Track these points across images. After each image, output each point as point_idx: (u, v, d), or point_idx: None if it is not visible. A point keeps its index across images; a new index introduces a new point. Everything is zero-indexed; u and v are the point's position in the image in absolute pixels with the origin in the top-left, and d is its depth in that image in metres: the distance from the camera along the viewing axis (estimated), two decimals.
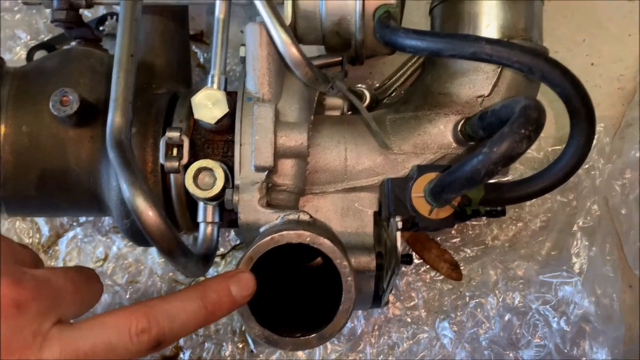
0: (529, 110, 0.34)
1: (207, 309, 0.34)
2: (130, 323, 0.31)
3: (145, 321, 0.31)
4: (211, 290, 0.35)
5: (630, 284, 0.63)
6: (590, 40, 0.69)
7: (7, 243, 0.34)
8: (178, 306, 0.33)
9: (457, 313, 0.62)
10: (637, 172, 0.57)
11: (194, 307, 0.34)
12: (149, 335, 0.31)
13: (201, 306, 0.34)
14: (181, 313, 0.33)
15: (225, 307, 0.35)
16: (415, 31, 0.41)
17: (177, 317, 0.33)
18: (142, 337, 0.31)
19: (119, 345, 0.30)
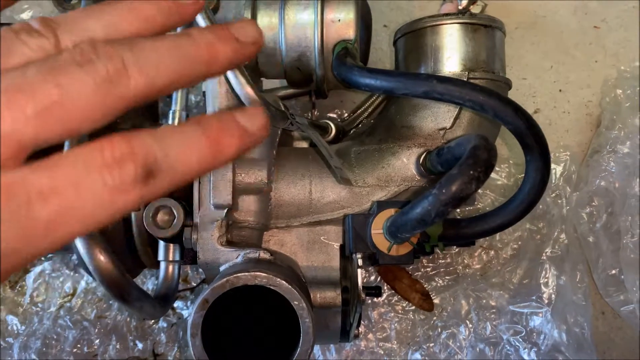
0: (478, 151, 0.34)
1: (209, 137, 0.23)
2: (104, 150, 0.20)
3: (126, 145, 0.21)
4: (212, 117, 0.24)
5: (602, 311, 0.62)
6: (557, 67, 0.70)
7: None
8: (171, 131, 0.22)
9: (430, 344, 0.61)
10: (603, 200, 0.57)
11: (192, 132, 0.23)
12: (134, 160, 0.20)
13: (201, 132, 0.23)
14: (177, 139, 0.22)
15: (234, 139, 0.24)
16: (370, 70, 0.41)
17: (172, 143, 0.22)
18: (125, 166, 0.20)
19: (94, 181, 0.20)
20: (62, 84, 0.20)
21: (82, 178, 0.20)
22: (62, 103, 0.20)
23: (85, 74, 0.20)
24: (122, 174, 0.20)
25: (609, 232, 0.57)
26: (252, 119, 0.24)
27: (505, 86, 0.53)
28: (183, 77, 0.23)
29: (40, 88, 0.20)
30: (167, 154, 0.21)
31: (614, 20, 0.71)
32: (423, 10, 0.74)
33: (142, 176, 0.21)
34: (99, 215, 0.20)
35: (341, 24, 0.47)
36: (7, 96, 0.19)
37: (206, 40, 0.23)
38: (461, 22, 0.51)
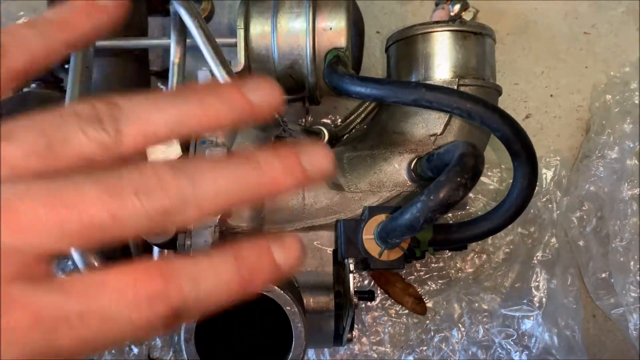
0: (465, 158, 0.34)
1: (242, 275, 0.22)
2: (139, 285, 0.20)
3: (161, 282, 0.20)
4: (247, 250, 0.23)
5: (593, 314, 0.63)
6: (548, 72, 0.71)
7: None
8: (205, 266, 0.22)
9: (423, 347, 0.62)
10: (593, 204, 0.58)
11: (226, 269, 0.22)
12: (166, 303, 0.20)
13: (235, 270, 0.22)
14: (210, 276, 0.21)
15: (266, 275, 0.23)
16: (360, 78, 0.42)
17: (205, 281, 0.21)
18: (155, 306, 0.20)
19: (120, 316, 0.19)
20: (115, 212, 0.19)
21: (111, 311, 0.19)
22: (107, 228, 0.19)
23: (141, 205, 0.19)
24: (150, 314, 0.19)
25: (599, 235, 0.58)
26: (288, 254, 0.23)
27: (496, 92, 0.54)
28: (235, 205, 0.22)
29: (91, 207, 0.19)
30: (198, 295, 0.21)
31: (604, 26, 0.72)
32: (416, 16, 0.75)
33: (170, 319, 0.20)
34: (116, 342, 0.20)
35: (332, 32, 0.47)
36: (54, 204, 0.19)
37: (273, 173, 0.22)
38: (451, 30, 0.52)
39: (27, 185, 0.19)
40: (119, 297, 0.19)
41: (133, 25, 0.57)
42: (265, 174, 0.22)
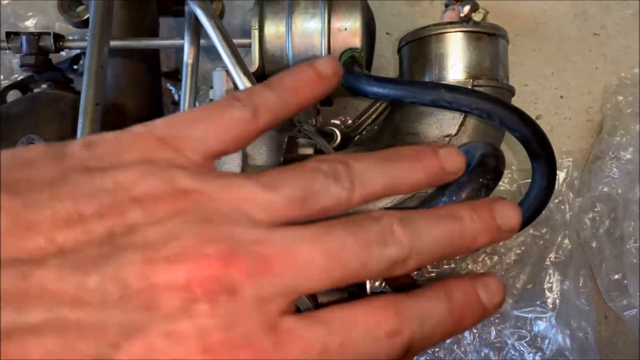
0: (487, 159, 0.34)
1: (454, 315, 0.24)
2: (381, 321, 0.22)
3: (397, 321, 0.22)
4: (457, 289, 0.25)
5: (605, 315, 0.63)
6: (558, 74, 0.71)
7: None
8: (426, 306, 0.23)
9: (435, 349, 0.61)
10: (606, 206, 0.58)
11: (441, 309, 0.24)
12: (401, 339, 0.22)
13: (448, 310, 0.24)
14: (430, 315, 0.23)
15: (474, 316, 0.25)
16: (378, 78, 0.41)
17: (427, 320, 0.23)
18: (394, 342, 0.22)
19: (371, 349, 0.21)
20: (365, 261, 0.21)
21: (362, 346, 0.21)
22: (356, 275, 0.21)
23: (381, 256, 0.21)
24: (389, 350, 0.21)
25: (612, 237, 0.58)
26: (493, 295, 0.25)
27: (509, 93, 0.54)
28: (441, 258, 0.24)
29: (350, 256, 0.21)
30: (423, 332, 0.22)
31: (613, 27, 0.72)
32: (425, 17, 0.75)
33: (402, 354, 0.22)
34: None
35: (347, 32, 0.47)
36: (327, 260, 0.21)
37: (474, 232, 0.24)
38: (465, 31, 0.51)
39: (301, 232, 0.21)
40: (368, 333, 0.21)
41: (144, 26, 0.57)
42: (467, 229, 0.24)
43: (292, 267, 0.21)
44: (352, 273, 0.21)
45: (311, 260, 0.21)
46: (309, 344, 0.20)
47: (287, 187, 0.22)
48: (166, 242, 0.20)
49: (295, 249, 0.21)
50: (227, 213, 0.21)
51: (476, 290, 0.25)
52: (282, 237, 0.21)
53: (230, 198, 0.21)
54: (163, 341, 0.18)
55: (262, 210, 0.22)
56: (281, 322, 0.20)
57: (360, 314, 0.22)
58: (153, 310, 0.19)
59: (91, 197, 0.20)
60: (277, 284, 0.20)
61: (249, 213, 0.21)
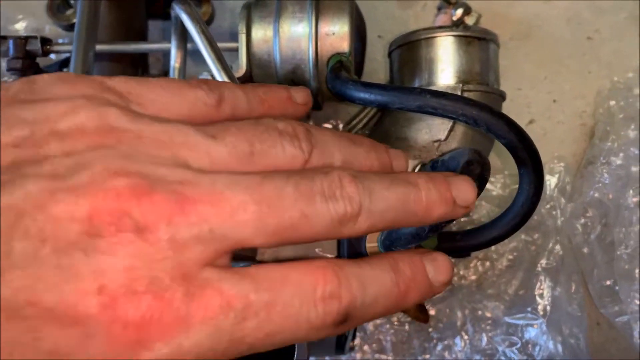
0: (472, 166, 0.34)
1: (399, 287, 0.23)
2: (317, 281, 0.20)
3: (336, 284, 0.21)
4: (404, 263, 0.24)
5: (598, 322, 0.62)
6: (551, 78, 0.70)
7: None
8: (369, 273, 0.22)
9: (425, 355, 0.61)
10: (597, 211, 0.58)
11: (386, 279, 0.23)
12: (339, 304, 0.20)
13: (394, 281, 0.23)
14: (373, 283, 0.22)
15: (420, 291, 0.24)
16: (364, 84, 0.41)
17: (369, 288, 0.22)
18: (330, 305, 0.20)
19: (301, 312, 0.20)
20: (307, 213, 0.20)
21: (293, 311, 0.20)
22: (297, 228, 0.20)
23: (326, 209, 0.21)
24: (325, 315, 0.20)
25: (603, 243, 0.58)
26: (440, 272, 0.25)
27: (500, 98, 0.53)
28: (394, 225, 0.24)
29: (289, 207, 0.20)
30: (364, 300, 0.21)
31: (607, 31, 0.71)
32: (417, 21, 0.75)
33: (340, 320, 0.21)
34: (289, 342, 0.20)
35: (335, 37, 0.47)
36: (261, 209, 0.20)
37: (429, 200, 0.24)
38: (455, 35, 0.51)
39: (234, 178, 0.20)
40: (301, 293, 0.20)
41: (132, 29, 0.57)
42: (422, 196, 0.24)
43: (218, 212, 0.19)
44: (291, 226, 0.20)
45: (242, 207, 0.19)
46: (229, 298, 0.19)
47: (233, 138, 0.21)
48: (74, 173, 0.18)
49: (224, 193, 0.19)
50: (156, 154, 0.19)
51: (424, 265, 0.25)
52: (210, 180, 0.19)
53: (166, 142, 0.20)
54: (53, 275, 0.17)
55: (199, 158, 0.20)
56: (200, 272, 0.19)
57: (296, 273, 0.20)
58: (46, 242, 0.17)
59: (11, 127, 0.18)
60: (199, 229, 0.18)
61: (184, 159, 0.20)
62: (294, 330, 0.20)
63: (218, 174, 0.20)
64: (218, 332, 0.19)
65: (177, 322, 0.18)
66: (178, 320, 0.18)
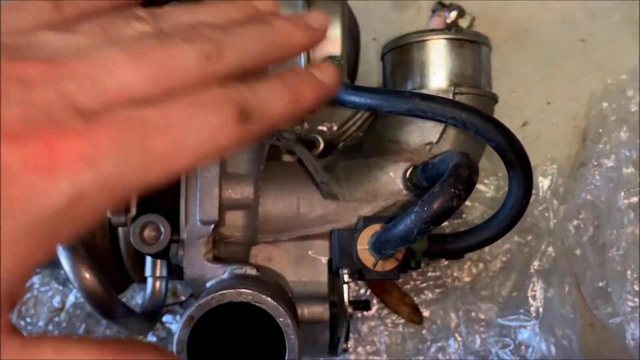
0: (460, 169, 0.34)
1: (289, 88, 0.25)
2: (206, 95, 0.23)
3: (225, 92, 0.23)
4: (289, 72, 0.26)
5: (591, 323, 0.62)
6: (545, 80, 0.71)
7: None
8: (257, 83, 0.25)
9: (419, 357, 0.61)
10: (590, 213, 0.58)
11: (274, 84, 0.25)
12: (233, 105, 0.23)
13: (284, 84, 0.25)
14: (263, 87, 0.24)
15: (312, 88, 0.26)
16: (355, 87, 0.41)
17: (261, 89, 0.24)
18: (226, 106, 0.22)
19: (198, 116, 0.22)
20: (172, 54, 0.23)
21: (191, 117, 0.22)
22: (171, 68, 0.22)
23: (190, 49, 0.23)
24: (222, 114, 0.22)
25: (596, 245, 0.58)
26: (325, 72, 0.27)
27: (492, 101, 0.54)
28: (265, 58, 0.26)
29: (155, 54, 0.22)
30: (257, 99, 0.24)
31: (600, 34, 0.72)
32: (412, 23, 0.75)
33: (239, 117, 0.23)
34: (203, 150, 0.22)
35: (327, 41, 0.47)
36: (131, 57, 0.22)
37: (284, 29, 0.27)
38: (447, 38, 0.51)
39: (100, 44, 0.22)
40: (196, 107, 0.22)
41: None
42: (277, 28, 0.26)
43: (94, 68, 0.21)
44: (163, 67, 0.22)
45: (113, 59, 0.22)
46: (125, 120, 0.20)
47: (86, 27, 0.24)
48: None
49: (97, 53, 0.22)
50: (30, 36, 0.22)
51: (309, 70, 0.27)
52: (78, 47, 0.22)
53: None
54: None
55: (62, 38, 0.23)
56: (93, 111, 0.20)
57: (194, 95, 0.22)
58: None
59: None
60: (79, 81, 0.20)
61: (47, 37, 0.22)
62: (198, 134, 0.22)
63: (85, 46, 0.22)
64: (125, 149, 0.20)
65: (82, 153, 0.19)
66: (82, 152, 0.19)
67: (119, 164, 0.20)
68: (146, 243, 0.45)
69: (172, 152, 0.21)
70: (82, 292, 0.37)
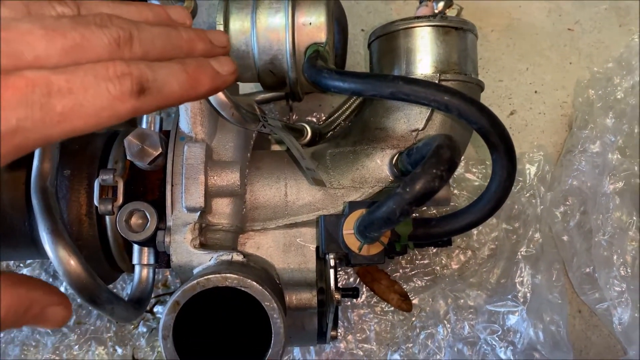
0: (442, 150, 0.34)
1: (188, 72, 0.29)
2: (108, 65, 0.26)
3: (125, 65, 0.26)
4: (189, 60, 0.30)
5: (579, 309, 0.63)
6: (533, 69, 0.71)
7: None
8: (158, 64, 0.28)
9: (409, 344, 0.61)
10: (577, 199, 0.58)
11: (173, 66, 0.28)
12: (131, 78, 0.26)
13: (182, 68, 0.29)
14: (162, 67, 0.28)
15: (209, 75, 0.30)
16: (338, 72, 0.41)
17: (159, 69, 0.27)
18: (124, 81, 0.26)
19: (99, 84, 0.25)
20: (85, 35, 0.26)
21: (92, 84, 0.25)
22: (82, 47, 0.26)
23: (102, 33, 0.26)
24: (121, 86, 0.26)
25: (583, 230, 0.58)
26: (223, 64, 0.31)
27: (478, 88, 0.54)
28: (166, 53, 0.29)
29: (69, 33, 0.26)
30: (156, 78, 0.27)
31: (587, 23, 0.72)
32: (400, 14, 0.75)
33: (136, 90, 0.26)
34: (100, 116, 0.25)
35: (312, 27, 0.47)
36: (47, 32, 0.25)
37: (188, 36, 0.31)
38: (433, 25, 0.51)
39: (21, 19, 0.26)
40: (98, 76, 0.25)
41: None
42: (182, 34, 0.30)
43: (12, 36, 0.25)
44: (76, 45, 0.26)
45: (31, 31, 0.25)
46: (34, 79, 0.24)
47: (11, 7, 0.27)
48: None
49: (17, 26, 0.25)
50: None
51: (208, 61, 0.30)
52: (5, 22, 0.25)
53: None
54: None
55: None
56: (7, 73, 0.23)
57: (97, 65, 0.26)
58: None
59: None
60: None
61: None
62: (97, 100, 0.25)
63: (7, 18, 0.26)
64: (28, 106, 0.23)
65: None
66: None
67: (21, 118, 0.23)
68: (133, 230, 0.45)
69: (71, 113, 0.24)
70: (66, 277, 0.37)
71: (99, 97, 0.25)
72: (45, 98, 0.24)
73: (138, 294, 0.46)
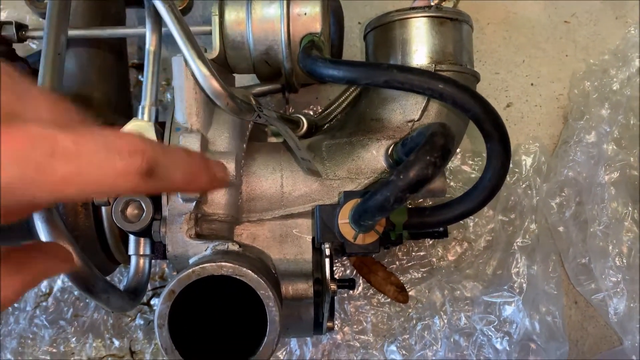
0: (435, 137, 0.34)
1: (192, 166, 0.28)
2: (123, 139, 0.24)
3: (141, 144, 0.24)
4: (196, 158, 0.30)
5: (575, 300, 0.63)
6: (529, 61, 0.71)
7: None
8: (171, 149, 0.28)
9: (405, 335, 0.62)
10: (572, 190, 0.58)
11: (182, 154, 0.28)
12: (142, 158, 0.24)
13: (188, 164, 0.28)
14: (173, 153, 0.27)
15: (205, 180, 0.30)
16: (333, 61, 0.41)
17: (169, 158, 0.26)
18: (135, 156, 0.24)
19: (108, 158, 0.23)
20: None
21: (100, 153, 0.23)
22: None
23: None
24: (130, 163, 0.23)
25: (578, 221, 0.58)
26: (220, 171, 0.31)
27: (473, 78, 0.54)
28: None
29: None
30: (165, 162, 0.26)
31: (583, 15, 0.72)
32: (396, 7, 0.75)
33: (144, 171, 0.24)
34: (100, 187, 0.23)
35: (307, 17, 0.47)
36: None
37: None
38: (428, 16, 0.52)
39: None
40: (109, 146, 0.23)
41: (109, 15, 0.57)
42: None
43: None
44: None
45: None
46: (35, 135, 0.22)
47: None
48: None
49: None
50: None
51: (211, 164, 0.30)
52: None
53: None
54: None
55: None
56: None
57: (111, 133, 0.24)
58: None
59: None
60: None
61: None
62: (102, 174, 0.23)
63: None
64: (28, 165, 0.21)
65: None
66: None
67: (15, 175, 0.21)
68: (128, 221, 0.45)
69: (71, 180, 0.22)
70: None
71: (103, 170, 0.23)
72: (49, 158, 0.21)
73: (134, 285, 0.46)
